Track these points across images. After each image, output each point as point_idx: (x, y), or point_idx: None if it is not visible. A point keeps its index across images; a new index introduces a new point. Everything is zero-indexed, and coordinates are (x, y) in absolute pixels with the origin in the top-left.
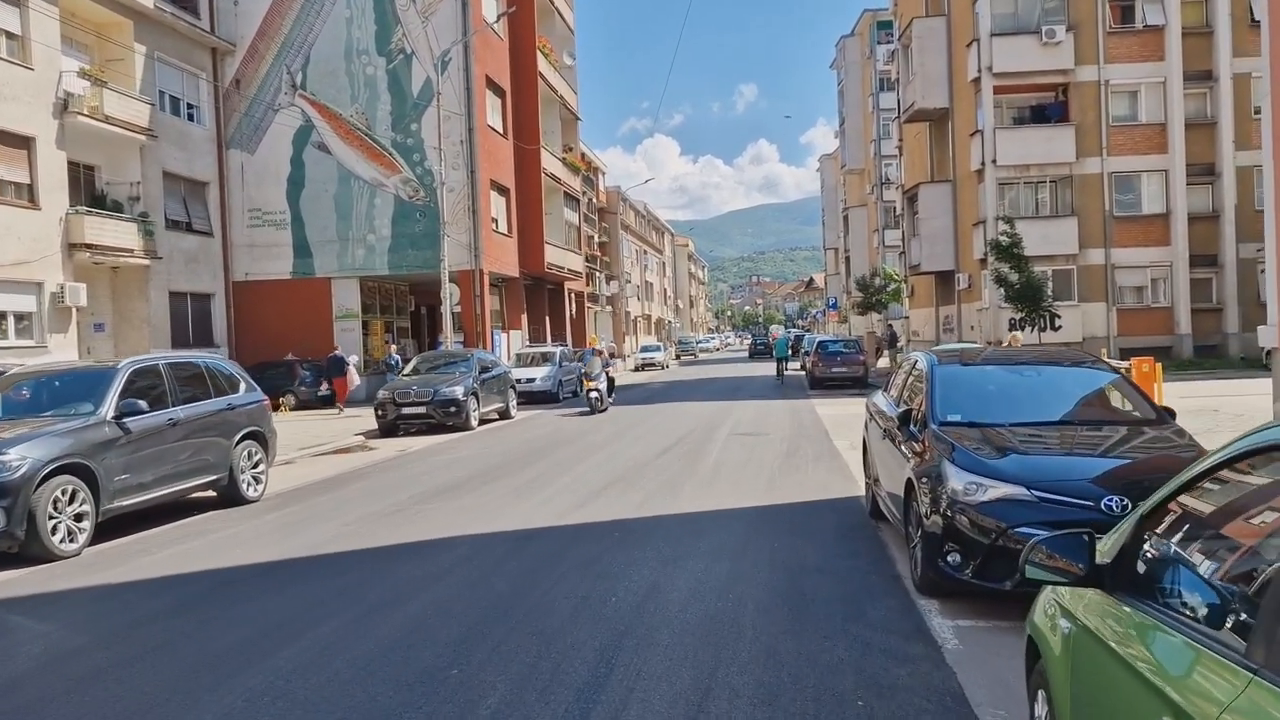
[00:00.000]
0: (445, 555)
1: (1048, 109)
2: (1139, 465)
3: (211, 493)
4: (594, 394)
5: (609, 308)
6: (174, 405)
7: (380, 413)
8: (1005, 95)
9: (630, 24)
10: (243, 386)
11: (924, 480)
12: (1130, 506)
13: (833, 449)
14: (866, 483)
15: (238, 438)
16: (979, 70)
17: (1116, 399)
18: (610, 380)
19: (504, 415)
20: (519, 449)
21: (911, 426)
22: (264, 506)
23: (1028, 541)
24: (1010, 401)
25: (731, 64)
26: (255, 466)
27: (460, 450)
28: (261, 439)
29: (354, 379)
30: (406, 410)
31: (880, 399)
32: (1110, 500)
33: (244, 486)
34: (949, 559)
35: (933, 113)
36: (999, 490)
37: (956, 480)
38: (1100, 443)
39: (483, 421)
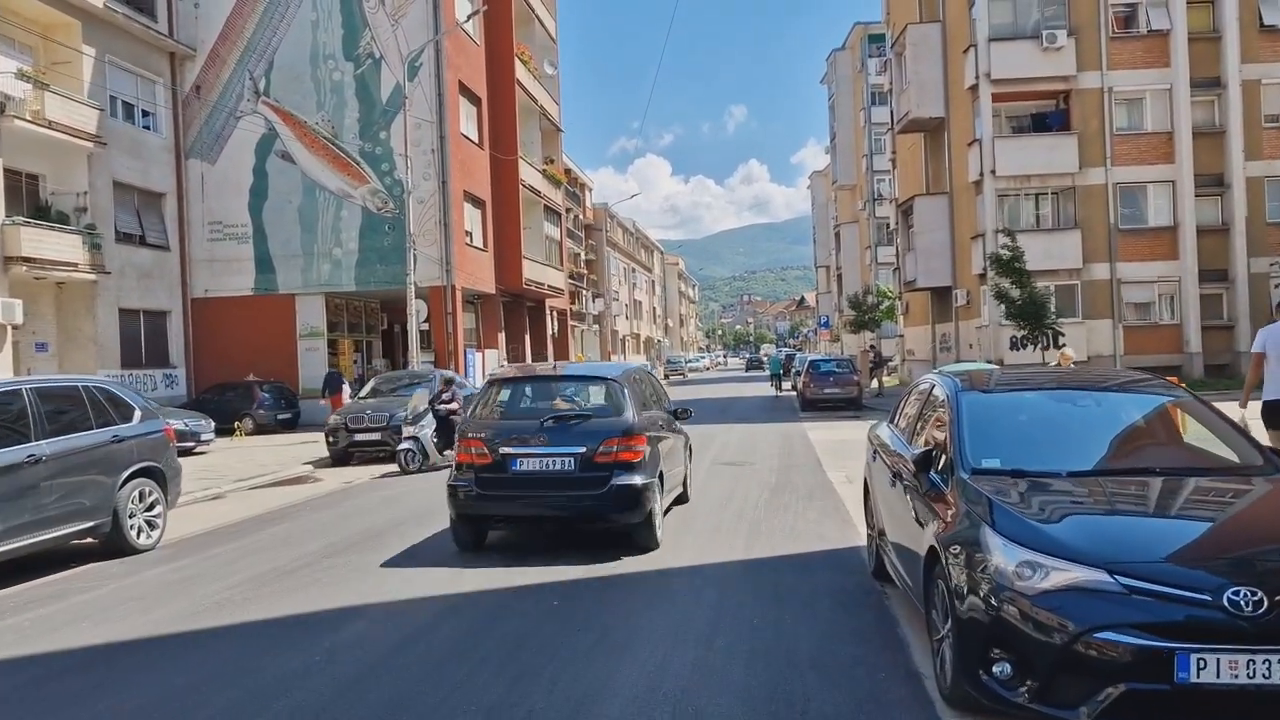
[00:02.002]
0: (333, 636)
1: (1048, 117)
2: (1262, 534)
3: (92, 540)
4: (407, 447)
5: (596, 326)
6: (39, 438)
7: (331, 439)
8: (1004, 103)
9: (621, 44)
10: (137, 414)
11: (954, 551)
12: (1266, 603)
13: (826, 483)
14: (869, 535)
15: (125, 476)
16: (976, 77)
17: (1203, 436)
18: (452, 426)
19: None
20: None
21: (932, 473)
22: (154, 558)
23: (1114, 650)
24: (1062, 441)
25: (721, 84)
26: (149, 509)
27: (410, 483)
28: (158, 476)
29: (346, 398)
30: (360, 437)
31: (885, 432)
32: (1235, 592)
33: (133, 533)
34: (995, 670)
35: (928, 122)
36: (1067, 574)
37: (1004, 557)
38: (1197, 500)
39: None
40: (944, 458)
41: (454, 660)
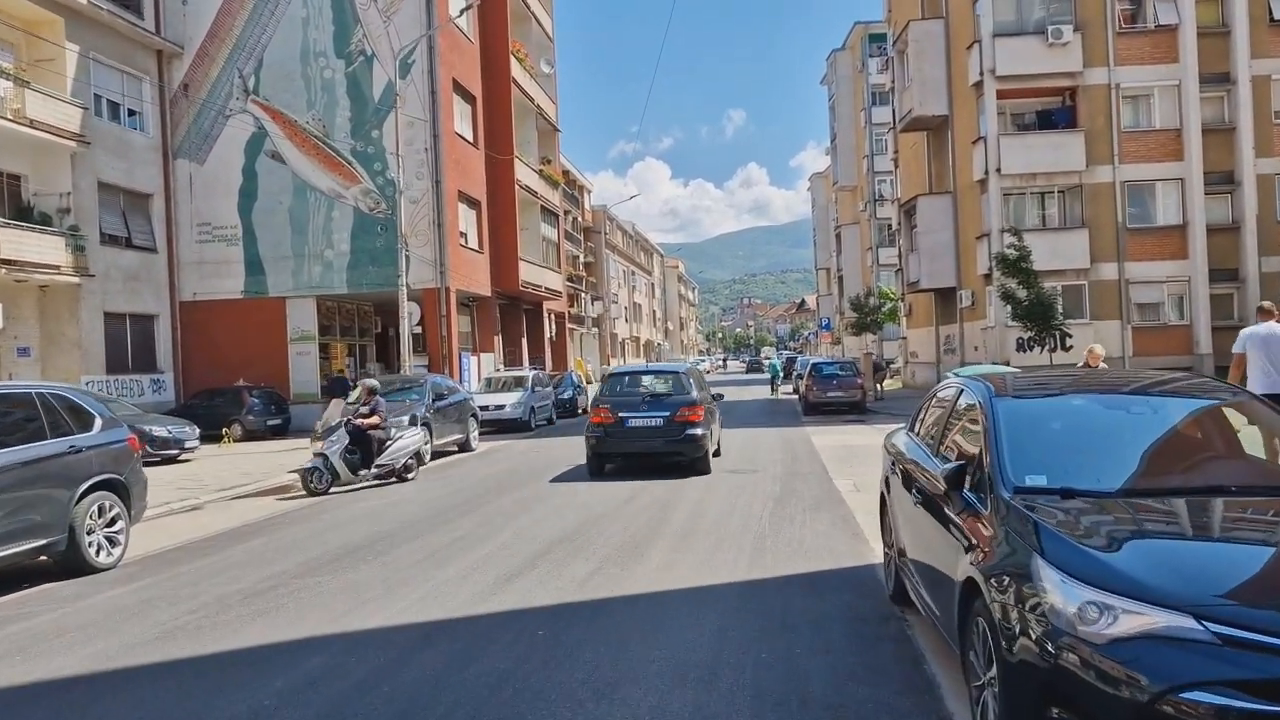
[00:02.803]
0: (288, 674)
1: (1054, 114)
2: None
3: (47, 560)
4: (314, 464)
5: (595, 329)
6: None
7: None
8: (1009, 100)
9: (621, 48)
10: (97, 423)
11: (998, 584)
12: None
13: (833, 492)
14: (887, 554)
15: (83, 489)
16: (981, 73)
17: (1276, 447)
18: (371, 441)
19: (463, 447)
20: (464, 491)
21: (966, 491)
22: (112, 578)
23: (1205, 713)
24: (1115, 453)
25: (719, 88)
26: (111, 525)
27: (396, 493)
28: (120, 489)
29: None
30: None
31: (903, 441)
32: None
33: (91, 551)
34: None
35: (931, 120)
36: (1143, 618)
37: (1061, 595)
38: None
39: (438, 455)
40: (979, 473)
41: (421, 706)
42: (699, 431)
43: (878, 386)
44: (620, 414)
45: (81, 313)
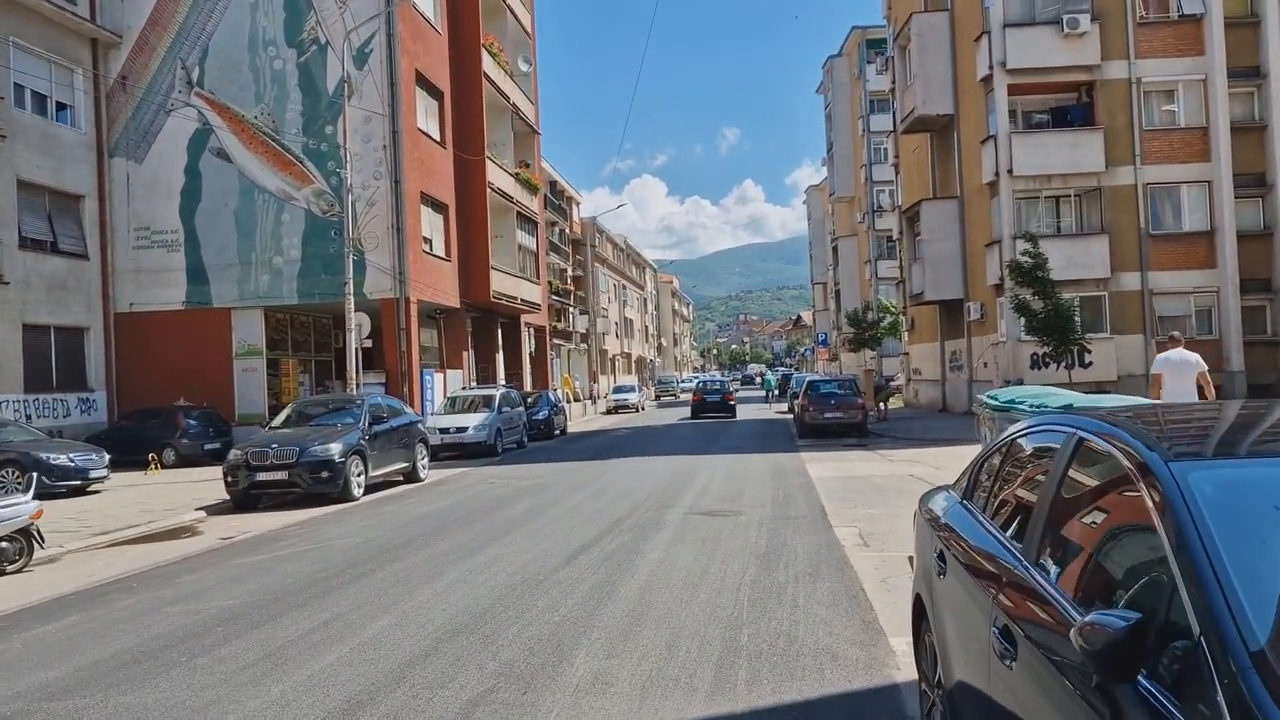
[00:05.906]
0: None
1: (1070, 111)
2: None
3: None
4: None
5: (584, 345)
6: None
7: (229, 479)
8: (1021, 96)
9: (616, 67)
10: None
11: None
12: None
13: (834, 546)
14: (925, 692)
15: None
16: (990, 67)
17: None
18: None
19: (409, 478)
20: (378, 541)
21: (1145, 683)
22: None
23: None
24: None
25: (713, 106)
26: None
27: (299, 542)
28: None
29: None
30: (263, 476)
31: (947, 509)
32: None
33: None
34: None
35: (936, 120)
36: None
37: None
38: None
39: (378, 486)
40: (1173, 641)
41: None
42: (733, 403)
43: (881, 406)
44: (704, 396)
45: None
